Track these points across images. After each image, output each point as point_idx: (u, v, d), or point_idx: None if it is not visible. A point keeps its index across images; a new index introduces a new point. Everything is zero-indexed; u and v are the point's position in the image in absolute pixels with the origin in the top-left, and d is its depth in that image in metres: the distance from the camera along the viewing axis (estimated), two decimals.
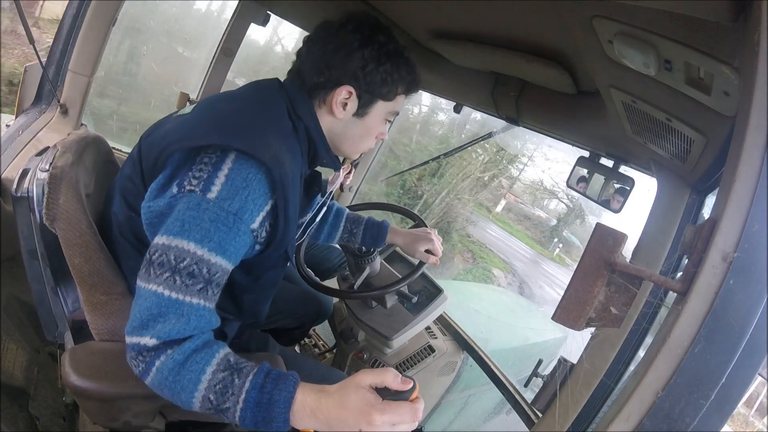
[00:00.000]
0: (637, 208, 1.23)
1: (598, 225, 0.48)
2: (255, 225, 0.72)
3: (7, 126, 1.45)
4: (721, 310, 0.39)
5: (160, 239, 0.68)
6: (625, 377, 0.98)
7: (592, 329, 0.91)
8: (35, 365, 1.06)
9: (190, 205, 0.68)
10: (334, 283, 1.58)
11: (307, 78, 0.83)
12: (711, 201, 0.92)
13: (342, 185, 2.00)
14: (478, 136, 1.99)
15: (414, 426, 0.61)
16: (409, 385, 0.60)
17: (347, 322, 1.58)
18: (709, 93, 0.57)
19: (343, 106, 0.84)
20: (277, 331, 1.46)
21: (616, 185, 1.15)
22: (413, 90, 0.90)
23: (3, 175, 1.31)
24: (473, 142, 2.15)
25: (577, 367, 0.99)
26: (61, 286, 0.85)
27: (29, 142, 1.42)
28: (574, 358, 1.00)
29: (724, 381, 0.38)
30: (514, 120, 1.34)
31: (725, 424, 0.40)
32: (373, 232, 1.27)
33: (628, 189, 1.14)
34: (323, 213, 1.20)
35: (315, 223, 1.12)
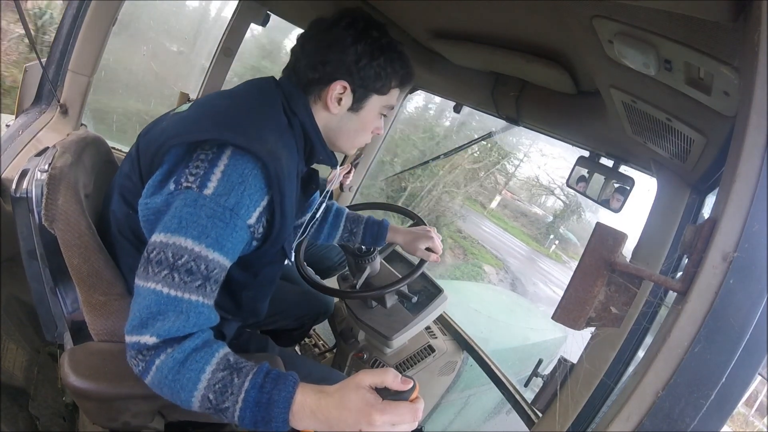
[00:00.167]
0: (637, 208, 1.23)
1: (598, 225, 0.48)
2: (252, 220, 0.72)
3: (7, 126, 1.45)
4: (721, 310, 0.39)
5: (157, 237, 0.68)
6: (625, 377, 0.98)
7: (592, 329, 0.91)
8: (35, 365, 1.06)
9: (187, 202, 0.68)
10: (334, 283, 1.58)
11: (301, 74, 0.83)
12: (711, 201, 0.92)
13: (342, 185, 2.00)
14: (477, 135, 1.99)
15: (414, 426, 0.61)
16: (409, 385, 0.60)
17: (347, 322, 1.58)
18: (709, 93, 0.57)
19: (338, 101, 0.84)
20: (277, 332, 1.46)
21: (616, 185, 1.15)
22: (407, 83, 0.90)
23: (3, 175, 1.31)
24: (473, 142, 2.15)
25: (577, 367, 0.98)
26: (60, 287, 0.84)
27: (29, 142, 1.42)
28: (574, 358, 1.00)
29: (724, 381, 0.38)
30: (514, 120, 1.34)
31: (725, 424, 0.40)
32: (374, 231, 1.27)
33: (628, 189, 1.14)
34: (323, 212, 1.20)
35: (315, 222, 1.12)
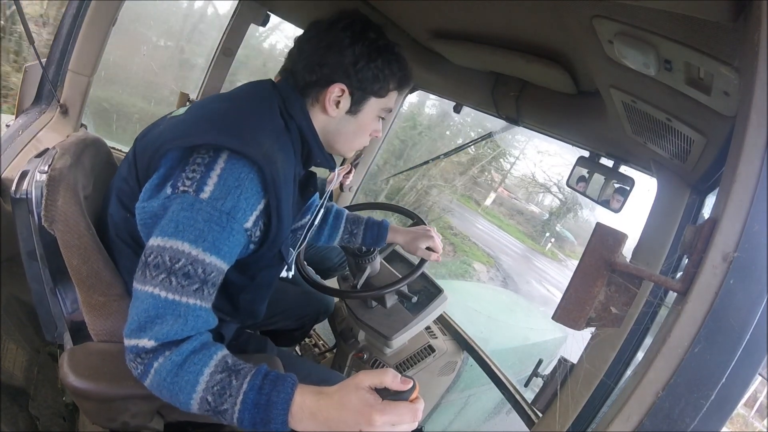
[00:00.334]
0: (637, 208, 1.23)
1: (598, 225, 0.48)
2: (248, 224, 0.72)
3: (7, 126, 1.44)
4: (721, 310, 0.39)
5: (154, 241, 0.68)
6: (625, 377, 0.98)
7: (592, 329, 0.91)
8: (35, 365, 1.06)
9: (183, 206, 0.68)
10: (334, 283, 1.58)
11: (299, 77, 0.83)
12: (711, 201, 0.92)
13: (342, 185, 2.00)
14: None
15: (414, 426, 0.61)
16: (408, 385, 0.60)
17: (347, 322, 1.58)
18: (709, 93, 0.57)
19: (336, 103, 0.83)
20: (278, 332, 1.46)
21: (616, 185, 1.15)
22: (405, 86, 0.89)
23: (3, 176, 1.31)
24: (473, 142, 2.15)
25: (577, 367, 0.98)
26: (59, 287, 0.84)
27: (29, 142, 1.42)
28: (574, 358, 1.00)
29: (724, 381, 0.38)
30: (514, 120, 1.34)
31: (725, 424, 0.40)
32: (374, 232, 1.27)
33: (628, 189, 1.14)
34: (322, 215, 1.20)
35: (314, 228, 1.12)
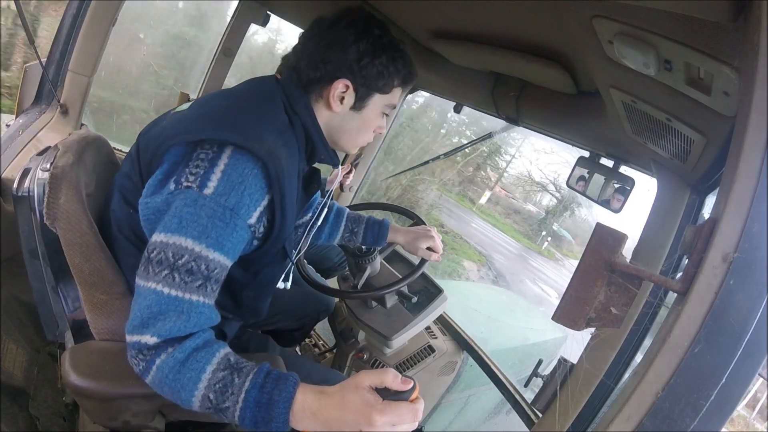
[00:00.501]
0: (637, 208, 1.23)
1: (598, 225, 0.48)
2: (252, 220, 0.72)
3: (7, 126, 1.45)
4: (721, 310, 0.39)
5: (157, 237, 0.68)
6: (625, 377, 0.98)
7: (592, 329, 0.91)
8: (35, 365, 1.06)
9: (187, 202, 0.68)
10: (334, 283, 1.58)
11: (303, 73, 0.83)
12: (711, 201, 0.92)
13: (342, 185, 2.00)
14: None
15: (414, 426, 0.61)
16: (409, 385, 0.60)
17: (347, 322, 1.58)
18: (709, 93, 0.57)
19: (341, 99, 0.84)
20: (278, 332, 1.46)
21: (616, 185, 1.15)
22: (409, 82, 0.89)
23: (3, 175, 1.31)
24: (473, 142, 2.15)
25: (577, 367, 0.98)
26: (61, 286, 0.85)
27: (29, 142, 1.42)
28: (574, 358, 1.00)
29: (724, 381, 0.38)
30: (514, 120, 1.34)
31: (725, 424, 0.40)
32: (374, 231, 1.27)
33: (628, 189, 1.14)
34: (324, 213, 1.20)
35: (315, 226, 1.12)
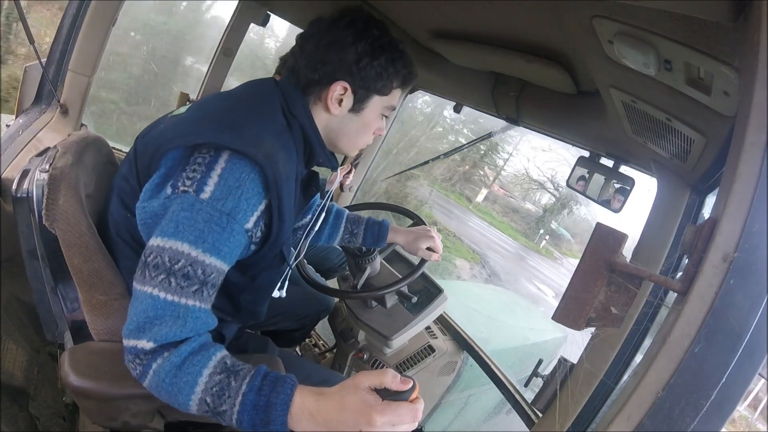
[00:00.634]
0: (637, 209, 1.23)
1: (598, 225, 0.48)
2: (249, 225, 0.72)
3: (7, 126, 1.45)
4: (721, 310, 0.39)
5: (154, 241, 0.68)
6: (625, 377, 0.98)
7: (592, 329, 0.91)
8: (35, 365, 1.06)
9: (183, 206, 0.68)
10: (334, 284, 1.57)
11: (301, 75, 0.82)
12: (711, 201, 0.92)
13: (342, 185, 2.00)
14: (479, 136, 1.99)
15: (414, 426, 0.61)
16: (408, 385, 0.60)
17: (347, 322, 1.58)
18: (709, 93, 0.57)
19: (339, 102, 0.83)
20: (278, 333, 1.46)
21: (616, 185, 1.15)
22: (409, 83, 0.88)
23: (3, 175, 1.31)
24: (473, 142, 2.15)
25: (577, 367, 0.98)
26: (60, 286, 0.84)
27: (29, 142, 1.42)
28: (574, 358, 1.00)
29: (724, 381, 0.38)
30: (514, 120, 1.34)
31: (725, 424, 0.40)
32: (374, 232, 1.27)
33: (628, 189, 1.14)
34: (323, 216, 1.20)
35: (314, 229, 1.12)
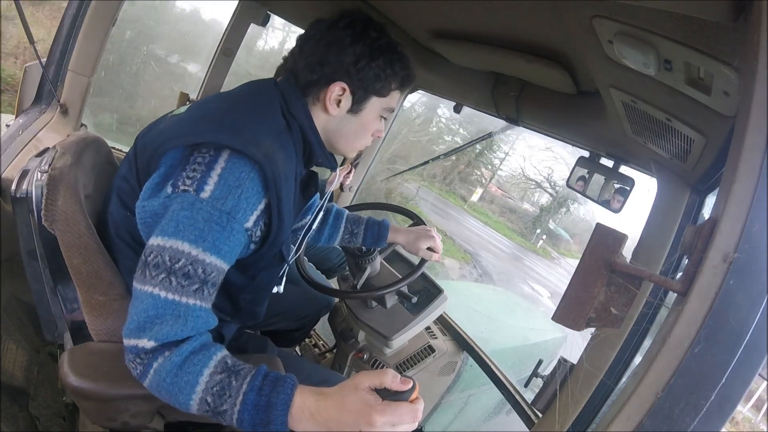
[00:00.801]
0: (637, 208, 1.23)
1: (598, 225, 0.48)
2: (249, 224, 0.72)
3: (7, 126, 1.44)
4: (721, 310, 0.39)
5: (154, 240, 0.68)
6: (625, 377, 0.98)
7: (592, 329, 0.91)
8: (35, 365, 1.06)
9: (183, 205, 0.68)
10: (334, 284, 1.57)
11: (300, 76, 0.82)
12: (711, 201, 0.92)
13: (342, 185, 2.00)
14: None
15: (414, 426, 0.61)
16: (408, 385, 0.60)
17: (347, 322, 1.58)
18: (709, 93, 0.57)
19: (337, 102, 0.83)
20: (278, 333, 1.46)
21: (616, 185, 1.15)
22: (407, 85, 0.88)
23: (3, 175, 1.31)
24: (473, 142, 2.15)
25: (577, 367, 0.99)
26: (60, 287, 0.84)
27: (29, 142, 1.42)
28: (574, 358, 1.00)
29: (724, 381, 0.38)
30: (514, 120, 1.34)
31: (725, 424, 0.40)
32: (374, 232, 1.27)
33: (628, 189, 1.14)
34: (322, 216, 1.20)
35: (313, 229, 1.12)
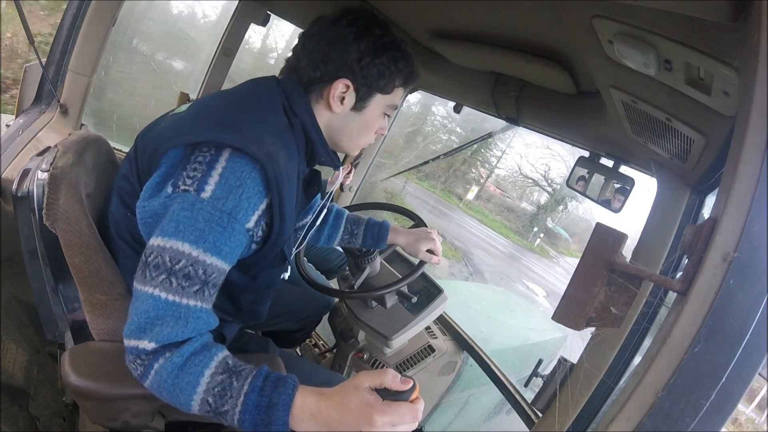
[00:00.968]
0: (637, 208, 1.23)
1: (598, 225, 0.48)
2: (250, 224, 0.71)
3: (7, 126, 1.45)
4: (721, 310, 0.39)
5: (155, 240, 0.67)
6: (625, 377, 0.98)
7: (592, 329, 0.91)
8: (35, 365, 1.06)
9: (184, 206, 0.67)
10: (334, 284, 1.57)
11: (303, 73, 0.82)
12: (711, 201, 0.92)
13: (342, 185, 2.00)
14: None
15: (414, 426, 0.61)
16: (408, 385, 0.60)
17: (347, 322, 1.58)
18: (709, 93, 0.57)
19: (341, 100, 0.82)
20: (279, 334, 1.46)
21: (616, 185, 1.15)
22: (411, 82, 0.88)
23: (3, 175, 1.31)
24: (473, 142, 2.15)
25: (577, 367, 0.99)
26: (61, 286, 0.84)
27: (29, 142, 1.42)
28: (574, 358, 1.00)
29: (724, 381, 0.38)
30: (514, 120, 1.34)
31: (725, 424, 0.41)
32: (374, 233, 1.26)
33: (628, 189, 1.14)
34: (323, 215, 1.20)
35: (314, 228, 1.12)
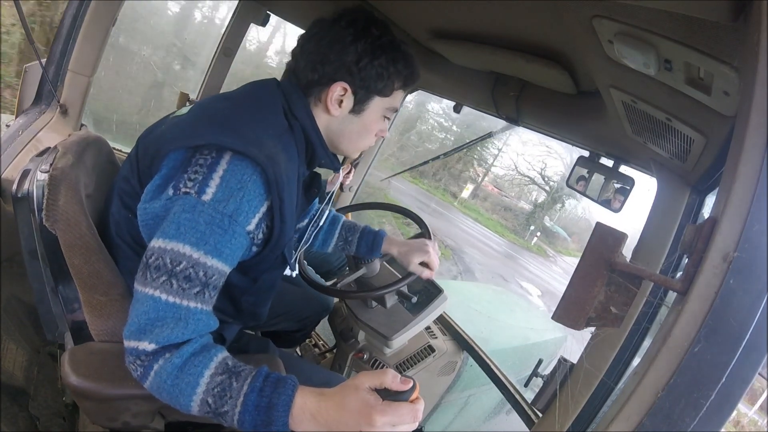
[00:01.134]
0: (637, 208, 1.24)
1: (598, 224, 0.48)
2: (251, 227, 0.71)
3: (7, 126, 1.45)
4: (721, 310, 0.39)
5: (156, 242, 0.68)
6: (625, 377, 0.98)
7: (592, 329, 0.91)
8: (35, 365, 1.06)
9: (185, 208, 0.67)
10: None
11: (301, 75, 0.81)
12: (711, 201, 0.92)
13: (342, 185, 2.00)
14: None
15: (414, 426, 0.61)
16: (408, 385, 0.60)
17: (347, 322, 1.58)
18: (709, 93, 0.57)
19: (339, 103, 0.82)
20: (279, 334, 1.46)
21: (616, 185, 1.15)
22: (411, 84, 0.87)
23: (3, 175, 1.31)
24: (473, 142, 2.15)
25: (577, 367, 0.99)
26: (60, 287, 0.84)
27: (29, 142, 1.42)
28: (574, 358, 1.00)
29: (724, 381, 0.38)
30: (514, 120, 1.34)
31: (725, 424, 0.41)
32: (368, 241, 1.25)
33: (628, 189, 1.14)
34: (324, 216, 1.19)
35: (317, 231, 1.11)
